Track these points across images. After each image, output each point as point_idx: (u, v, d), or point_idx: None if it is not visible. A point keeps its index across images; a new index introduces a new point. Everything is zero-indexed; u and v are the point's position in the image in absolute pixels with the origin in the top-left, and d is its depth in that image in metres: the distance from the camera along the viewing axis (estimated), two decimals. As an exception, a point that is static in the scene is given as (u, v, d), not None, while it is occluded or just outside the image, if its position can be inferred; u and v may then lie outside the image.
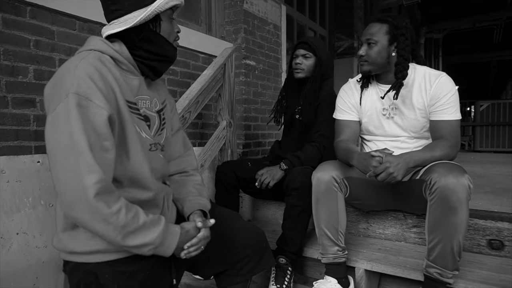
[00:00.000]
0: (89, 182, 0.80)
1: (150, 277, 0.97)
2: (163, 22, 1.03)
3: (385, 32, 1.48)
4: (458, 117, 1.47)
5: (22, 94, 1.55)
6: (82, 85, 0.84)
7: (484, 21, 9.22)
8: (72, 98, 0.82)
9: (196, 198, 1.17)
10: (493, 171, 3.12)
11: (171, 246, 0.95)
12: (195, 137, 2.59)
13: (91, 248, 0.91)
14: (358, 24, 5.24)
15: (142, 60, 1.03)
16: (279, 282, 1.60)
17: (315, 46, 1.91)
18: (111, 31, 0.98)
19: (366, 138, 1.70)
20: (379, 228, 1.82)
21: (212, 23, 2.92)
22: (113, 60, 0.97)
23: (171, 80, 2.39)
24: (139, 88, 1.03)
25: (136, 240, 0.87)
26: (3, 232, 1.42)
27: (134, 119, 0.97)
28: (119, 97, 0.92)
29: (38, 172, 1.56)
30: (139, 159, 0.96)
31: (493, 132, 7.98)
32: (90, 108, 0.84)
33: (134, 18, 0.96)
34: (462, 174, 1.22)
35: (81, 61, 0.88)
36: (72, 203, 0.81)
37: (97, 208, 0.81)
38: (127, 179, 0.95)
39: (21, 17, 1.54)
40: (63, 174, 0.81)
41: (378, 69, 1.53)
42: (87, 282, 0.92)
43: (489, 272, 1.41)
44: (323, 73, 1.93)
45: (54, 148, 0.83)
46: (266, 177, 1.79)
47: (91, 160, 0.81)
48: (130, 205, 0.89)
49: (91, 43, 0.97)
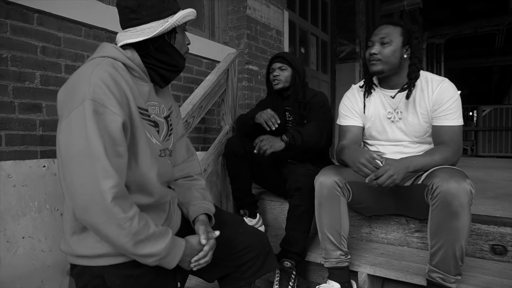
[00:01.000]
0: (107, 186, 0.81)
1: (155, 281, 0.99)
2: (178, 35, 1.06)
3: (399, 33, 1.50)
4: (460, 122, 1.48)
5: (28, 100, 1.57)
6: (97, 92, 0.85)
7: (486, 26, 9.22)
8: (88, 104, 0.83)
9: (201, 202, 1.18)
10: (495, 176, 3.12)
11: (175, 258, 0.96)
12: (198, 141, 2.61)
13: (99, 251, 0.92)
14: (360, 29, 5.26)
15: (153, 68, 1.05)
16: (283, 286, 1.60)
17: (289, 59, 2.07)
18: (129, 40, 0.99)
19: (369, 143, 1.71)
20: (382, 232, 1.83)
21: (215, 29, 2.95)
22: (125, 67, 0.99)
23: (175, 85, 2.41)
24: (149, 95, 1.05)
25: (145, 249, 0.89)
26: (10, 236, 1.43)
27: (145, 125, 0.99)
28: (132, 103, 0.94)
29: (44, 177, 1.57)
30: (147, 165, 0.98)
31: (495, 137, 7.96)
32: (106, 114, 0.85)
33: (151, 29, 0.98)
34: (464, 179, 1.23)
35: (96, 68, 0.89)
36: (87, 206, 0.82)
37: (113, 212, 0.82)
38: (135, 184, 0.96)
39: (29, 24, 1.56)
40: (78, 178, 0.82)
41: (389, 69, 1.52)
42: (94, 285, 0.93)
43: (491, 277, 1.41)
44: (302, 82, 2.08)
45: (68, 152, 0.84)
46: (265, 144, 1.79)
47: (107, 165, 0.83)
48: (141, 214, 0.90)
49: (104, 50, 0.98)
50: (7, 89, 1.50)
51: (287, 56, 2.08)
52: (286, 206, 2.12)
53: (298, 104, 2.04)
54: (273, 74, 2.08)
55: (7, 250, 1.41)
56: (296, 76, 2.06)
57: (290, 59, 2.06)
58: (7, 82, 1.49)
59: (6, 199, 1.43)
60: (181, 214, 1.20)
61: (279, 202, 2.19)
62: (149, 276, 0.97)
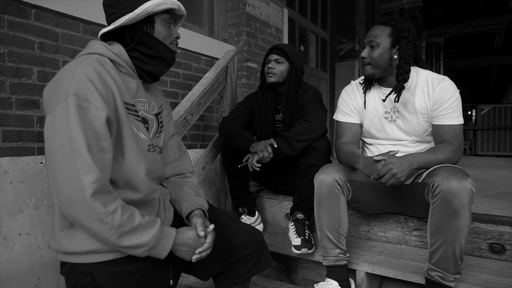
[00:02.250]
0: (87, 181, 0.82)
1: (147, 278, 0.98)
2: (157, 25, 1.05)
3: (387, 34, 1.48)
4: (461, 121, 1.47)
5: (26, 96, 1.56)
6: (81, 87, 0.85)
7: (486, 25, 9.23)
8: (71, 100, 0.83)
9: (194, 198, 1.18)
10: (494, 175, 3.12)
11: (165, 248, 0.96)
12: (197, 139, 2.60)
13: (87, 248, 0.91)
14: (360, 27, 5.25)
15: (138, 63, 1.05)
16: (301, 234, 1.69)
17: (289, 53, 1.95)
18: (104, 30, 1.00)
19: (368, 141, 1.70)
20: (380, 231, 1.83)
21: (214, 26, 2.94)
22: (112, 63, 0.99)
23: (174, 82, 2.40)
24: (137, 91, 1.05)
25: (131, 241, 0.88)
26: (6, 233, 1.42)
27: (131, 120, 0.99)
28: (118, 99, 0.94)
29: (41, 173, 1.56)
30: (134, 159, 0.97)
31: (494, 136, 7.98)
32: (89, 109, 0.85)
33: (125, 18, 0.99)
34: (465, 178, 1.23)
35: (81, 64, 0.90)
36: (69, 201, 0.82)
37: (93, 207, 0.82)
38: (122, 180, 0.96)
39: (26, 19, 1.55)
40: (61, 173, 0.83)
41: (380, 72, 1.53)
42: (84, 283, 0.92)
43: (490, 275, 1.41)
44: (299, 79, 1.98)
45: (52, 147, 0.85)
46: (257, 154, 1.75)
47: (89, 160, 0.83)
48: (126, 206, 0.90)
49: (91, 47, 0.99)
50: (4, 85, 1.49)
51: (286, 48, 1.97)
52: (285, 204, 2.12)
53: (290, 112, 1.95)
54: (268, 66, 1.97)
55: (3, 247, 1.41)
56: (293, 72, 1.96)
57: (288, 52, 1.95)
58: (4, 78, 1.48)
59: (3, 196, 1.42)
60: (173, 211, 1.20)
61: (278, 200, 2.18)
62: (140, 273, 0.96)
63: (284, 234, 1.98)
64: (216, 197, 2.44)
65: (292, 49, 2.00)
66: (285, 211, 2.13)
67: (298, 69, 1.97)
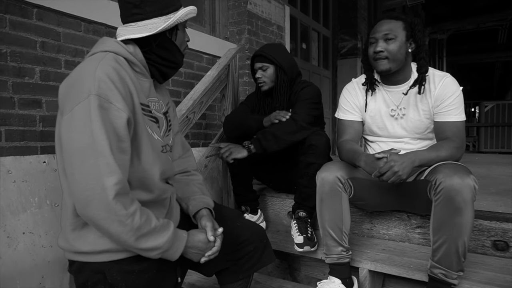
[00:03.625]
0: (110, 183, 0.81)
1: (157, 276, 0.99)
2: (179, 32, 1.06)
3: (402, 28, 1.46)
4: (463, 118, 1.46)
5: (28, 95, 1.56)
6: (103, 87, 0.85)
7: (489, 21, 9.16)
8: (93, 100, 0.83)
9: (201, 197, 1.19)
10: (497, 172, 3.11)
11: (178, 251, 0.97)
12: (199, 137, 2.60)
13: (100, 247, 0.92)
14: (362, 24, 5.23)
15: (154, 64, 1.05)
16: (303, 232, 1.70)
17: (269, 55, 1.89)
18: (132, 35, 0.98)
19: (369, 139, 1.69)
20: (383, 228, 1.82)
21: (216, 24, 2.93)
22: (127, 62, 0.98)
23: (176, 81, 2.40)
24: (150, 90, 1.06)
25: (147, 243, 0.89)
26: (10, 232, 1.43)
27: (146, 121, 0.99)
28: (135, 99, 0.94)
29: (44, 173, 1.57)
30: (149, 161, 0.97)
31: (497, 133, 7.93)
32: (111, 110, 0.85)
33: (154, 25, 0.98)
34: (468, 175, 1.22)
35: (101, 62, 0.89)
36: (89, 202, 0.82)
37: (114, 209, 0.82)
38: (137, 181, 0.96)
39: (28, 19, 1.55)
40: (80, 173, 0.82)
41: (396, 66, 1.48)
42: (94, 281, 0.93)
43: (493, 273, 1.40)
44: (289, 77, 1.93)
45: (71, 147, 0.84)
46: (225, 151, 1.78)
47: (112, 161, 0.82)
48: (143, 209, 0.91)
49: (106, 44, 0.97)
50: (7, 84, 1.49)
51: (266, 52, 1.91)
52: (287, 202, 2.12)
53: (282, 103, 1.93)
54: (256, 76, 1.95)
55: (7, 245, 1.41)
56: (280, 73, 1.90)
57: (269, 55, 1.89)
58: (6, 77, 1.49)
59: (6, 195, 1.43)
60: (179, 209, 1.20)
61: (280, 198, 2.18)
62: (150, 271, 0.97)
63: (286, 232, 1.98)
64: (218, 195, 2.45)
65: (273, 50, 1.93)
66: (287, 209, 2.13)
67: (285, 68, 1.90)
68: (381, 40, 1.47)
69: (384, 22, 1.49)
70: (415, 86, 1.50)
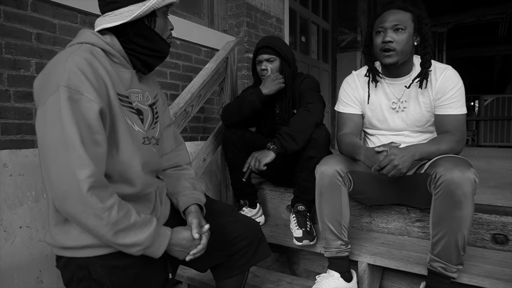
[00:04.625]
0: (83, 176, 0.80)
1: (143, 271, 0.97)
2: (158, 19, 1.02)
3: (411, 19, 1.44)
4: (464, 111, 1.45)
5: (24, 88, 1.54)
6: (72, 78, 0.83)
7: (489, 14, 9.10)
8: (63, 92, 0.81)
9: (191, 192, 1.16)
10: (497, 165, 3.10)
11: (161, 248, 0.95)
12: (197, 131, 2.59)
13: (83, 242, 0.90)
14: (362, 17, 5.19)
15: (134, 54, 1.02)
16: (302, 225, 1.69)
17: (278, 48, 1.88)
18: (106, 25, 0.96)
19: (369, 132, 1.68)
20: (382, 222, 1.82)
21: (214, 17, 2.90)
22: (104, 52, 0.96)
23: (173, 74, 2.38)
24: (131, 82, 1.02)
25: (126, 239, 0.87)
26: (7, 226, 1.42)
27: (125, 112, 0.97)
28: (111, 90, 0.91)
29: (40, 166, 1.55)
30: (129, 152, 0.95)
31: (497, 126, 7.93)
32: (81, 101, 0.83)
33: (130, 12, 0.95)
34: (468, 168, 1.21)
35: (72, 54, 0.87)
36: (64, 196, 0.81)
37: (90, 202, 0.80)
38: (117, 174, 0.94)
39: (23, 10, 1.53)
40: (55, 167, 0.81)
41: (403, 58, 1.45)
42: (79, 277, 0.92)
43: (493, 266, 1.40)
44: (293, 70, 1.93)
45: (44, 141, 0.82)
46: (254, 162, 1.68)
47: (83, 154, 0.81)
48: (123, 203, 0.89)
49: (82, 36, 0.96)
50: (2, 77, 1.47)
51: (274, 45, 1.89)
52: (286, 196, 2.12)
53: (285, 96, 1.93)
54: (261, 67, 1.92)
55: (4, 239, 1.40)
56: (286, 66, 1.90)
57: (277, 47, 1.88)
58: (1, 70, 1.47)
59: (3, 189, 1.42)
60: (170, 204, 1.18)
61: (279, 192, 2.17)
62: (136, 267, 0.95)
63: (285, 226, 1.98)
64: (217, 189, 2.44)
65: (279, 42, 1.92)
66: (286, 203, 2.13)
67: (290, 61, 1.91)
68: (390, 30, 1.42)
69: (393, 12, 1.45)
70: (418, 80, 1.47)
